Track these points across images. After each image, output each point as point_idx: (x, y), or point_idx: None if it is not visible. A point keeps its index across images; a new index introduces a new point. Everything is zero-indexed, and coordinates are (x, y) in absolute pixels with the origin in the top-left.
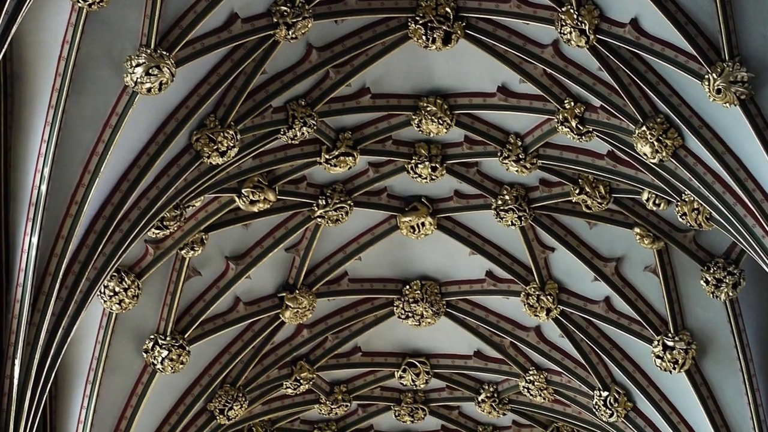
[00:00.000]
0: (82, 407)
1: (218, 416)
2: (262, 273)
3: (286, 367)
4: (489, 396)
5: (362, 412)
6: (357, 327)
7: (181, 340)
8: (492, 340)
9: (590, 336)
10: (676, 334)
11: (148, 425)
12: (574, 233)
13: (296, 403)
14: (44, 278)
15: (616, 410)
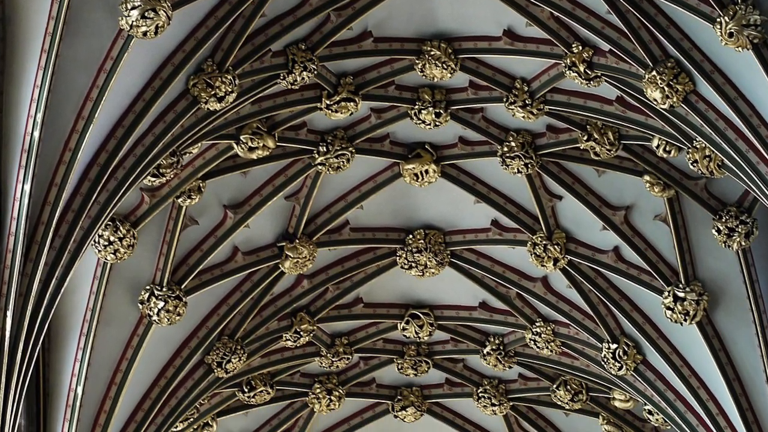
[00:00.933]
0: (76, 360)
1: (216, 369)
2: (261, 222)
3: (285, 319)
4: (494, 348)
5: (364, 365)
6: (359, 277)
7: (178, 291)
8: (497, 291)
9: (599, 287)
10: (687, 285)
11: (143, 378)
12: (582, 181)
13: (296, 356)
14: (37, 227)
15: (625, 363)
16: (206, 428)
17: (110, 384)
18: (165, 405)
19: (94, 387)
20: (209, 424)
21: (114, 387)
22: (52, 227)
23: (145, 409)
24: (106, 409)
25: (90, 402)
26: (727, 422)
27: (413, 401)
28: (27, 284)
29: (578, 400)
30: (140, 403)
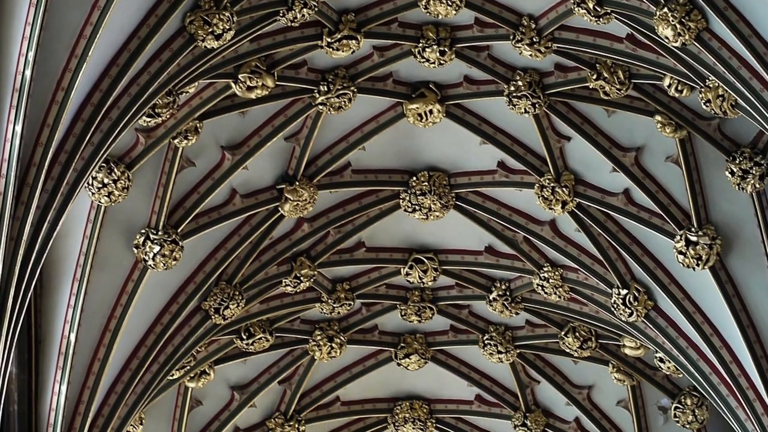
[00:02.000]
0: (69, 306)
1: (213, 316)
2: (260, 163)
3: (285, 264)
4: (501, 294)
5: (366, 312)
6: (361, 221)
7: (174, 235)
8: (504, 234)
9: (608, 230)
10: (699, 229)
11: (139, 325)
12: (592, 121)
13: (296, 302)
14: (29, 169)
15: (635, 309)
16: (203, 376)
17: (104, 331)
18: (161, 353)
19: (88, 334)
20: (206, 372)
21: (108, 334)
22: (44, 169)
23: (140, 357)
24: (99, 356)
25: (83, 349)
26: (740, 370)
27: (417, 349)
28: (18, 228)
29: (587, 347)
30: (135, 351)
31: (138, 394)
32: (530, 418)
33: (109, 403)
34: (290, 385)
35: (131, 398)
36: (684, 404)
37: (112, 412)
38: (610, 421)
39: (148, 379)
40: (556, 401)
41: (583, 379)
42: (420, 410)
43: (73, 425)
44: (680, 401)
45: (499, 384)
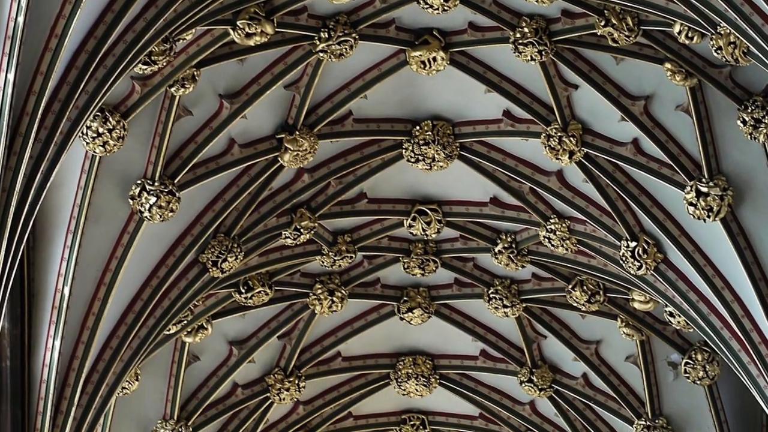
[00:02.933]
0: (63, 259)
1: (211, 269)
2: (259, 112)
3: (285, 215)
4: (506, 246)
5: (368, 264)
6: (362, 171)
7: (171, 186)
8: (509, 185)
9: (617, 181)
10: (710, 179)
11: (134, 278)
12: (600, 69)
13: (296, 255)
14: (21, 118)
15: (645, 262)
16: (201, 331)
17: (99, 284)
18: (157, 307)
19: (82, 288)
20: (204, 326)
21: (103, 288)
22: (37, 118)
23: (136, 311)
24: (94, 311)
25: (77, 303)
26: (752, 325)
27: (420, 302)
28: (11, 178)
29: (595, 301)
30: (131, 305)
31: (134, 349)
32: (537, 373)
33: (104, 359)
34: (290, 340)
35: (127, 353)
36: (694, 360)
37: (107, 367)
38: (619, 377)
39: (144, 334)
40: (563, 357)
41: (590, 334)
42: (423, 366)
43: (67, 381)
44: (690, 357)
45: (504, 339)
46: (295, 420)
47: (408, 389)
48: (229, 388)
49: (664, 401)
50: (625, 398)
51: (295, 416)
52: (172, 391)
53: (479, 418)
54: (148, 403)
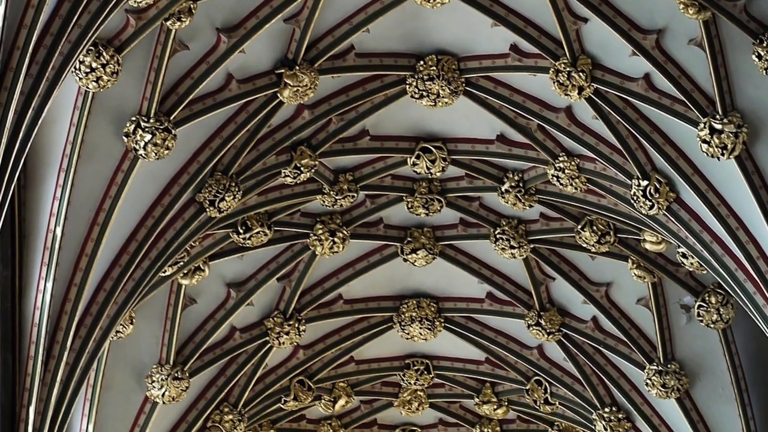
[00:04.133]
0: (55, 198)
1: (208, 208)
2: (258, 46)
3: (284, 153)
4: (513, 185)
5: (370, 204)
6: (365, 107)
7: (167, 123)
8: (517, 122)
9: (628, 118)
10: (724, 116)
11: (129, 218)
12: (610, 1)
13: (296, 194)
14: (12, 53)
15: (656, 201)
16: (198, 273)
17: (92, 225)
18: (152, 247)
19: (75, 228)
20: (201, 268)
21: (96, 228)
22: (28, 53)
23: (131, 252)
24: (87, 252)
25: (70, 244)
26: None
27: (424, 243)
28: (1, 115)
29: (605, 242)
30: (125, 246)
31: (128, 291)
32: (545, 317)
33: (98, 302)
34: (290, 282)
35: (121, 296)
36: (708, 302)
37: (101, 310)
38: (630, 321)
39: (138, 275)
40: (573, 299)
41: (600, 276)
42: (428, 309)
43: (59, 324)
44: (704, 299)
45: (511, 281)
46: (295, 365)
47: (412, 333)
48: (226, 332)
49: (677, 345)
50: (637, 342)
51: (294, 361)
52: (167, 334)
53: (485, 363)
54: (143, 347)
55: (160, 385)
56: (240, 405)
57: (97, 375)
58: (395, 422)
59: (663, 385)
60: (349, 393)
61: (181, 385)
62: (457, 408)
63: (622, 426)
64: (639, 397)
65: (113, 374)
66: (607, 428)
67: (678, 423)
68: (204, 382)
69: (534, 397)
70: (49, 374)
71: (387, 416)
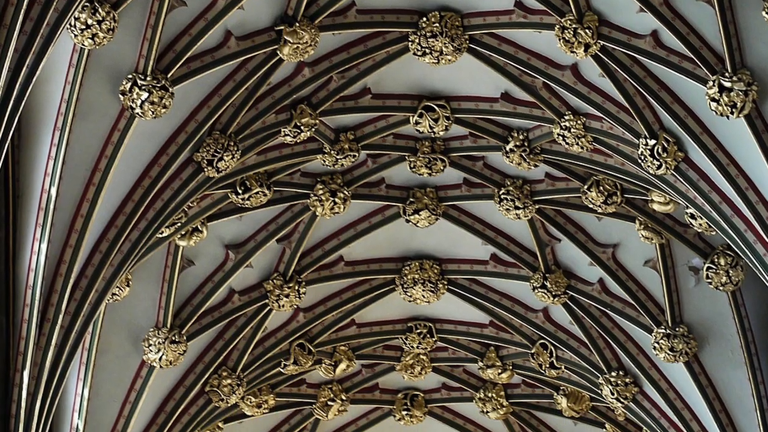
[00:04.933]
0: (50, 157)
1: (206, 168)
2: (257, 2)
3: (284, 112)
4: (518, 145)
5: (372, 163)
6: (366, 65)
7: (164, 81)
8: (522, 80)
9: (635, 76)
10: (734, 74)
11: (125, 178)
12: None
13: (296, 153)
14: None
15: (664, 161)
16: (195, 234)
17: (88, 185)
18: (149, 208)
19: (70, 188)
20: (199, 229)
21: (92, 188)
22: (22, 9)
23: (127, 213)
24: (83, 213)
25: (65, 205)
26: None
27: (427, 204)
28: None
29: (612, 202)
30: (121, 206)
31: (124, 253)
32: (550, 279)
33: (93, 264)
34: (290, 244)
35: (117, 258)
36: (717, 264)
37: (97, 272)
38: (637, 283)
39: (135, 237)
40: (579, 261)
41: (607, 237)
42: (431, 271)
43: (54, 287)
44: (713, 261)
45: (516, 242)
46: (295, 328)
47: (414, 295)
48: (225, 295)
49: (685, 308)
50: (644, 305)
51: (294, 324)
52: (164, 297)
53: (489, 326)
54: (140, 310)
55: (157, 349)
56: (239, 369)
57: (93, 338)
58: (397, 387)
59: (671, 349)
60: (351, 357)
61: (178, 348)
62: (461, 372)
63: (629, 390)
64: (646, 361)
65: (109, 338)
66: (613, 393)
67: (686, 387)
68: (202, 345)
69: (539, 361)
70: (44, 338)
71: (389, 380)
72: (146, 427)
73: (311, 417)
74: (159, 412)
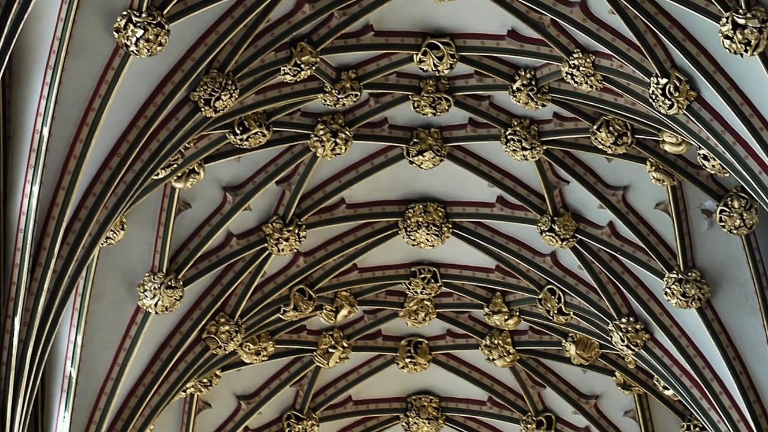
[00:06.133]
0: (42, 97)
1: (203, 108)
2: None
3: (284, 50)
4: (525, 84)
5: (374, 103)
6: (369, 1)
7: (159, 17)
8: (529, 17)
9: (646, 12)
10: (748, 10)
11: (120, 118)
12: None
13: (296, 92)
14: None
15: (676, 100)
16: (192, 175)
17: (81, 125)
18: (144, 149)
19: (63, 128)
20: (195, 170)
21: (85, 128)
22: None
23: (122, 154)
24: (76, 154)
25: (58, 146)
26: None
27: (431, 144)
28: None
29: (622, 143)
30: (116, 147)
31: (119, 195)
32: (558, 222)
33: (87, 206)
34: (289, 186)
35: (111, 200)
36: (730, 207)
37: (90, 215)
38: (648, 226)
39: (130, 178)
40: (588, 204)
41: (617, 179)
42: (435, 214)
43: (46, 230)
44: (726, 203)
45: (523, 184)
46: (295, 273)
47: (418, 239)
48: (222, 238)
49: (698, 252)
50: (655, 249)
51: (294, 269)
52: (160, 241)
53: (495, 271)
54: (135, 254)
55: (153, 295)
56: (237, 315)
57: (86, 284)
58: (401, 333)
59: (683, 295)
60: (352, 303)
61: (174, 294)
62: (466, 318)
63: (640, 337)
64: (658, 307)
65: (103, 283)
66: (624, 339)
67: (699, 334)
68: (199, 291)
69: (547, 307)
70: (36, 283)
71: (392, 327)
72: (141, 375)
73: (311, 365)
74: (155, 359)
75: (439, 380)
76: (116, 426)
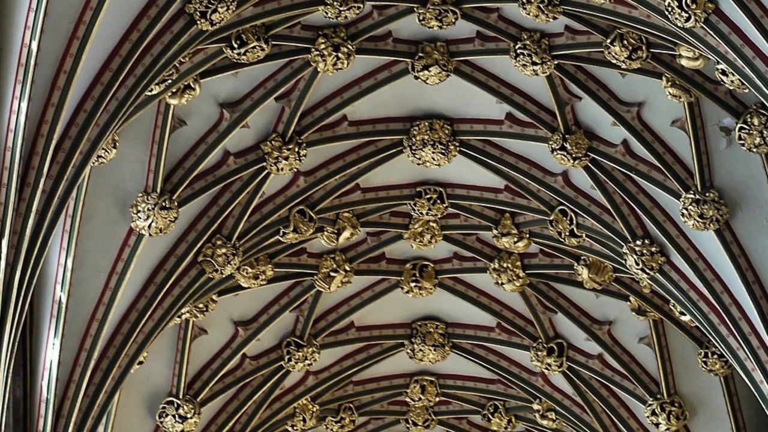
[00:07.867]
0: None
1: (199, 20)
2: None
3: None
4: None
5: (378, 15)
6: None
7: None
8: None
9: None
10: None
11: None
12: None
13: (296, 4)
14: None
15: (693, 13)
16: (187, 91)
17: (71, 38)
18: (137, 64)
19: (52, 42)
20: (191, 86)
21: (76, 42)
22: None
23: (114, 69)
24: (66, 68)
25: (47, 60)
26: None
27: (437, 59)
28: None
29: (637, 57)
30: (107, 62)
31: (111, 112)
32: (570, 140)
33: (77, 124)
34: (289, 102)
35: (103, 117)
36: (750, 124)
37: (81, 133)
38: (664, 144)
39: (122, 94)
40: (600, 121)
41: (632, 95)
42: (441, 131)
43: (35, 149)
44: (746, 121)
45: (533, 100)
46: (296, 193)
47: (423, 158)
48: (219, 157)
49: (716, 171)
50: (671, 168)
51: (294, 189)
52: (154, 159)
53: (504, 191)
54: (128, 173)
55: (146, 216)
56: (234, 237)
57: (77, 204)
58: (405, 256)
59: (700, 216)
60: (355, 224)
61: (169, 215)
62: (474, 241)
63: (656, 260)
64: (674, 229)
65: (94, 203)
66: (638, 263)
67: (717, 257)
68: (194, 212)
69: (558, 228)
70: (24, 204)
71: (396, 249)
72: (134, 300)
73: (312, 289)
74: (148, 283)
75: (445, 305)
76: (108, 353)
